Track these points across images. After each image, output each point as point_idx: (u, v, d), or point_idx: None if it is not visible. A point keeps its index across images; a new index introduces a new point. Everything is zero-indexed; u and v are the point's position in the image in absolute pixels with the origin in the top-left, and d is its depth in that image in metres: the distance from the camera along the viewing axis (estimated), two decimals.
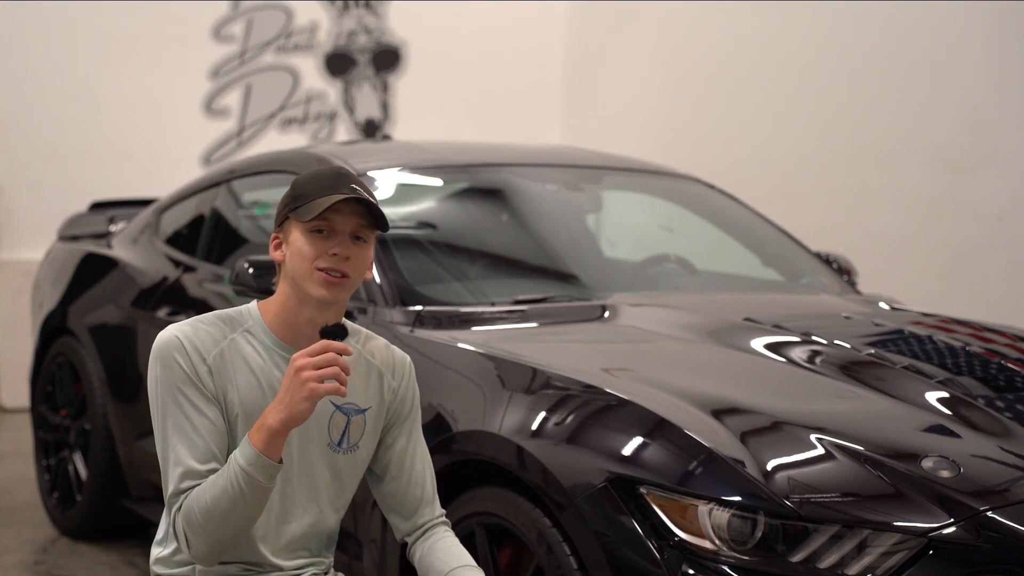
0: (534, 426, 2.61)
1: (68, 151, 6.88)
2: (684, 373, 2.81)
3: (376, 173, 3.77)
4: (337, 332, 2.03)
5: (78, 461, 4.50)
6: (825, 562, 2.24)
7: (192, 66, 7.21)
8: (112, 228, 4.89)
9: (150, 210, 4.68)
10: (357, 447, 2.23)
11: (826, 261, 4.20)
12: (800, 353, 2.95)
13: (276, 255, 2.17)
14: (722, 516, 2.29)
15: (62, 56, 6.82)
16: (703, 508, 2.30)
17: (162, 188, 5.93)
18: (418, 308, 3.21)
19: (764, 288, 4.02)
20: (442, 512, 2.32)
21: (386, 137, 7.66)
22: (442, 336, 3.08)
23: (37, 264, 5.34)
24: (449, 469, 2.79)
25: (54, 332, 4.69)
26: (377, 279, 3.30)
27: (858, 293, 4.03)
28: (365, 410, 2.22)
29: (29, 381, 4.90)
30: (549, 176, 4.08)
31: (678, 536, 2.32)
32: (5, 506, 4.91)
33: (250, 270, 3.20)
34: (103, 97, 6.95)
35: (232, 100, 7.37)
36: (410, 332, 3.13)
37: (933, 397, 2.71)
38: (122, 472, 4.24)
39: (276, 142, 7.29)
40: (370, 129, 7.76)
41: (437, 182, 3.98)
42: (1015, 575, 2.24)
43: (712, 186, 4.44)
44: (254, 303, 2.21)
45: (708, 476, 2.34)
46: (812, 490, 2.30)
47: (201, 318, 2.17)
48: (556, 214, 4.01)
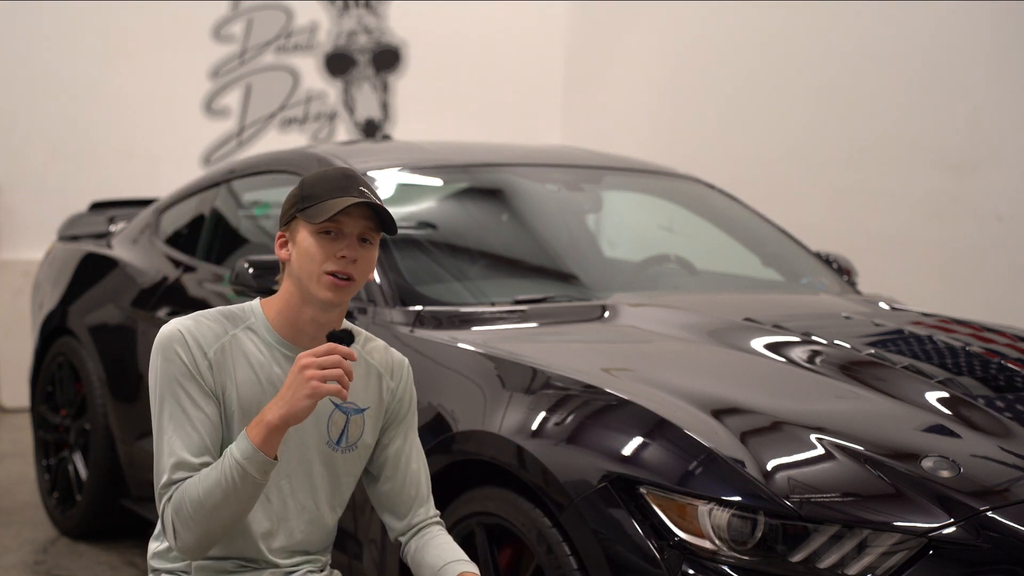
0: (534, 426, 2.61)
1: (68, 151, 6.88)
2: (684, 373, 2.81)
3: (376, 173, 3.77)
4: (344, 337, 2.06)
5: (78, 461, 4.50)
6: (825, 562, 2.24)
7: (192, 66, 7.21)
8: (112, 228, 4.89)
9: (150, 210, 4.68)
10: (355, 446, 2.25)
11: (826, 261, 4.20)
12: (800, 353, 2.95)
13: (282, 254, 2.18)
14: (722, 516, 2.29)
15: (62, 56, 6.82)
16: (703, 508, 2.30)
17: (162, 188, 5.93)
18: (418, 308, 3.21)
19: (764, 288, 4.02)
20: (436, 512, 2.33)
21: (386, 137, 7.66)
22: (442, 336, 3.08)
23: (37, 264, 5.34)
24: (449, 469, 2.79)
25: (54, 332, 4.69)
26: (377, 279, 3.31)
27: (858, 293, 4.03)
28: (364, 410, 2.24)
29: (29, 381, 4.90)
30: (549, 176, 4.08)
31: (678, 536, 2.32)
32: (5, 506, 4.91)
33: (250, 270, 3.20)
34: (103, 97, 6.95)
35: (232, 100, 7.37)
36: (410, 332, 3.13)
37: (933, 397, 2.71)
38: (122, 472, 4.24)
39: (276, 142, 7.29)
40: (370, 129, 7.76)
41: (437, 182, 3.98)
42: (1015, 575, 2.24)
43: (712, 186, 4.44)
44: (257, 300, 2.22)
45: (708, 476, 2.34)
46: (812, 490, 2.30)
47: (204, 313, 2.18)
48: (556, 214, 4.01)
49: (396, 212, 3.70)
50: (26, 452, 5.58)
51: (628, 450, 2.45)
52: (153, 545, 2.27)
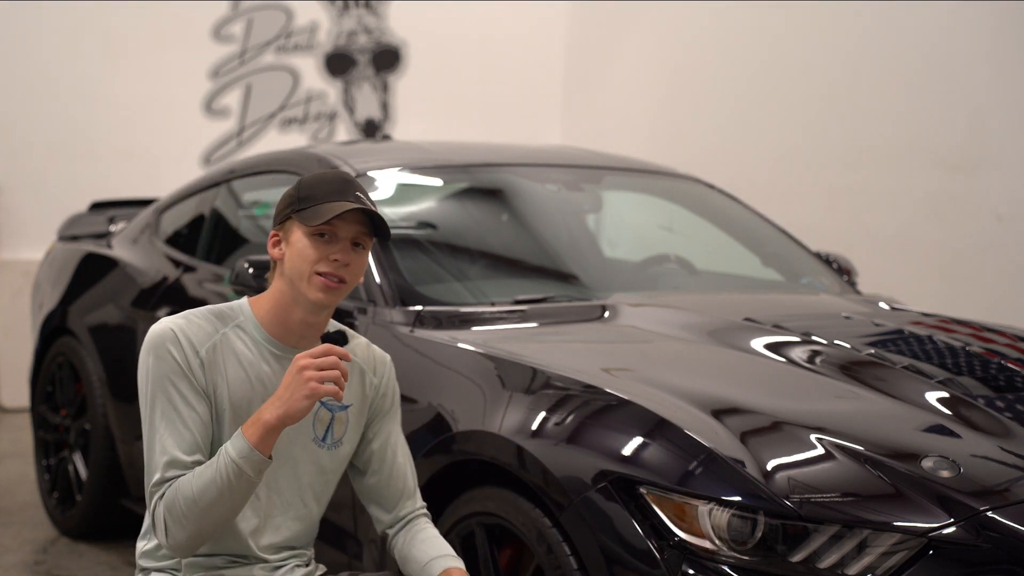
0: (534, 426, 2.61)
1: (68, 151, 6.88)
2: (684, 373, 2.81)
3: (376, 173, 3.77)
4: (339, 339, 2.11)
5: (78, 461, 4.50)
6: (825, 562, 2.24)
7: (192, 66, 7.21)
8: (112, 228, 4.89)
9: (150, 210, 4.68)
10: (341, 443, 2.30)
11: (826, 261, 4.20)
12: (800, 353, 2.95)
13: (274, 253, 2.21)
14: (722, 516, 2.29)
15: (62, 56, 6.82)
16: (703, 508, 2.30)
17: (162, 188, 5.93)
18: (418, 308, 3.21)
19: (764, 288, 4.02)
20: (423, 504, 2.38)
21: (386, 137, 7.66)
22: (442, 336, 3.08)
23: (37, 264, 5.34)
24: (449, 469, 2.79)
25: (54, 332, 4.69)
26: (377, 279, 3.30)
27: (858, 293, 4.03)
28: (348, 407, 2.29)
29: (29, 381, 4.90)
30: (549, 176, 4.08)
31: (678, 536, 2.32)
32: (5, 506, 4.91)
33: (250, 270, 3.21)
34: (103, 97, 6.95)
35: (232, 100, 7.37)
36: (410, 332, 3.13)
37: (933, 397, 2.71)
38: (122, 472, 4.24)
39: (276, 142, 7.29)
40: (370, 129, 7.76)
41: (437, 182, 3.98)
42: (1015, 575, 2.24)
43: (712, 186, 4.44)
44: (245, 299, 2.26)
45: (708, 476, 2.34)
46: (812, 490, 2.30)
47: (193, 312, 2.21)
48: (556, 214, 4.01)
49: (396, 212, 3.71)
50: (26, 452, 5.58)
51: (628, 450, 2.45)
52: (141, 544, 2.29)
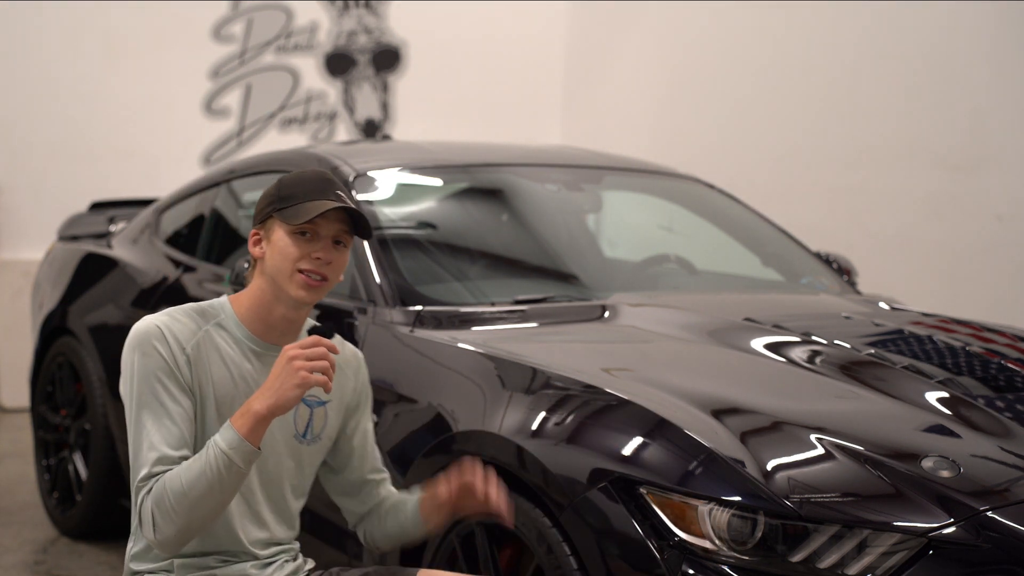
0: (534, 426, 2.61)
1: (68, 151, 6.88)
2: (684, 373, 2.81)
3: (376, 173, 3.76)
4: (326, 333, 2.13)
5: (78, 461, 4.50)
6: (825, 562, 2.24)
7: (192, 66, 7.21)
8: (112, 228, 4.89)
9: (150, 210, 4.68)
10: (319, 438, 2.35)
11: (826, 261, 4.20)
12: (800, 353, 2.95)
13: (256, 251, 2.25)
14: (722, 516, 2.29)
15: (62, 56, 6.82)
16: (703, 508, 2.30)
17: (162, 188, 5.93)
18: (418, 308, 3.21)
19: (764, 288, 4.02)
20: (388, 478, 2.47)
21: (386, 137, 7.66)
22: (442, 336, 3.08)
23: (37, 264, 5.35)
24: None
25: (54, 332, 4.69)
26: (377, 279, 3.30)
27: (858, 293, 4.03)
28: (326, 403, 2.33)
29: (29, 381, 4.90)
30: (549, 176, 4.08)
31: (678, 536, 2.32)
32: (5, 506, 4.91)
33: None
34: (103, 97, 6.95)
35: (232, 100, 7.37)
36: (410, 332, 3.13)
37: (933, 397, 2.71)
38: (122, 472, 4.24)
39: (276, 142, 7.29)
40: (370, 129, 7.76)
41: (437, 182, 3.98)
42: (1015, 575, 2.24)
43: (712, 186, 4.44)
44: (225, 297, 2.29)
45: (708, 476, 2.34)
46: (812, 490, 2.30)
47: (175, 310, 2.23)
48: (556, 214, 4.01)
49: (396, 212, 3.70)
50: (26, 452, 5.58)
51: (628, 450, 2.45)
52: (130, 546, 2.27)
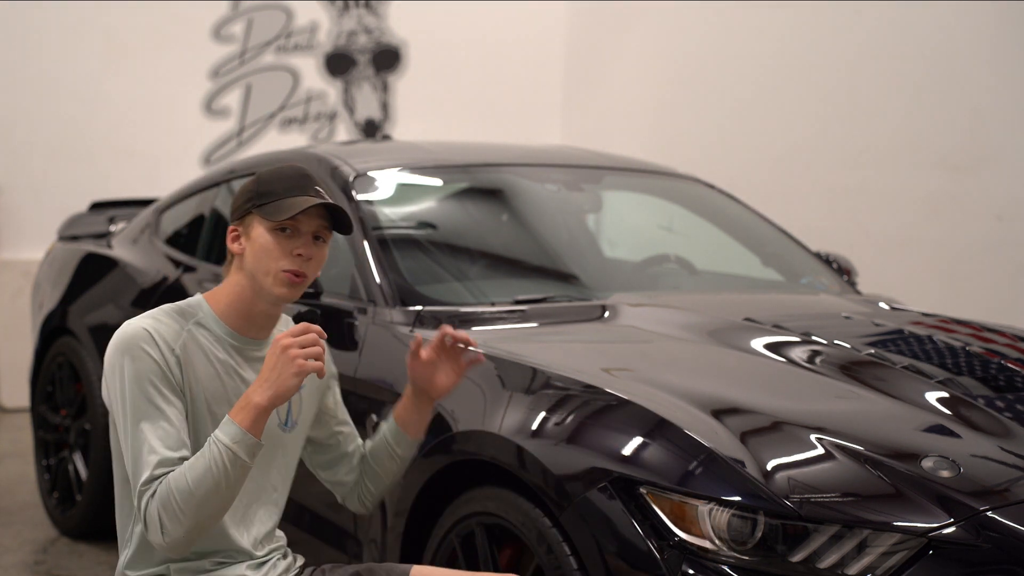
0: (534, 426, 2.61)
1: (68, 151, 6.88)
2: (684, 373, 2.81)
3: (376, 173, 3.76)
4: (313, 318, 2.15)
5: (78, 461, 4.50)
6: (825, 562, 2.24)
7: (192, 66, 7.21)
8: (112, 228, 4.89)
9: (150, 210, 4.68)
10: (297, 423, 2.38)
11: (826, 261, 4.20)
12: (800, 353, 2.95)
13: (234, 247, 2.25)
14: (722, 516, 2.29)
15: (62, 56, 6.82)
16: (703, 508, 2.30)
17: (162, 188, 5.93)
18: (418, 308, 3.21)
19: (764, 288, 4.02)
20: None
21: (386, 137, 7.66)
22: None
23: (37, 264, 5.35)
24: (449, 469, 2.79)
25: (54, 332, 4.69)
26: (377, 279, 3.30)
27: (858, 293, 4.03)
28: (302, 388, 2.34)
29: (29, 381, 4.90)
30: (549, 176, 4.08)
31: (678, 536, 2.32)
32: (5, 506, 4.91)
33: None
34: (103, 97, 6.95)
35: (232, 100, 7.37)
36: (410, 332, 3.13)
37: (933, 397, 2.71)
38: None
39: (276, 142, 7.30)
40: (370, 129, 7.76)
41: (437, 182, 3.98)
42: (1015, 575, 2.24)
43: (712, 186, 4.44)
44: (199, 295, 2.28)
45: (708, 476, 2.34)
46: (812, 490, 2.30)
47: (157, 312, 2.22)
48: (556, 214, 4.01)
49: (396, 212, 3.70)
50: (26, 452, 5.58)
51: (628, 450, 2.45)
52: (123, 556, 2.25)
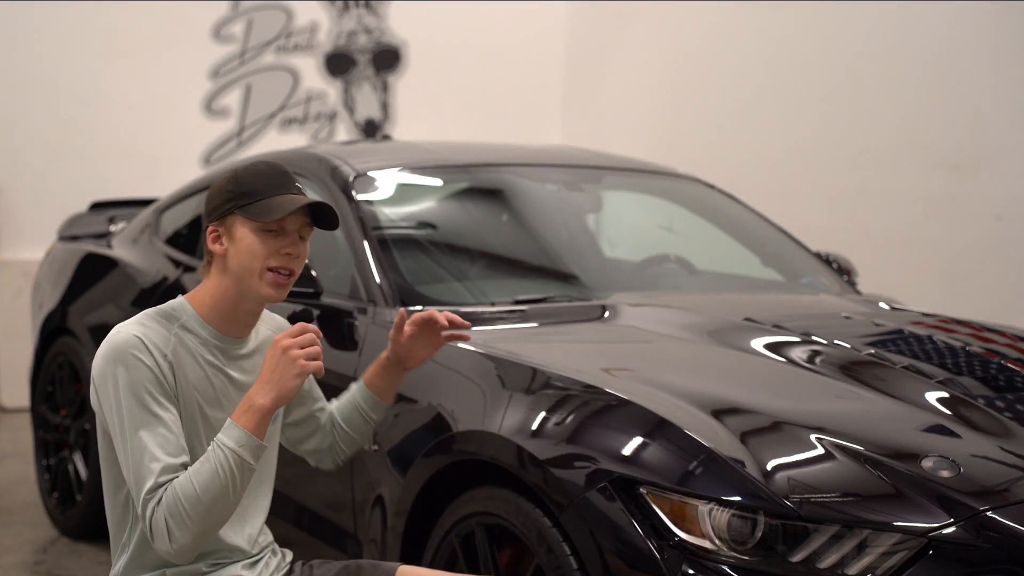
0: (534, 426, 2.61)
1: (68, 151, 6.88)
2: (684, 373, 2.81)
3: (376, 173, 3.76)
4: (306, 318, 2.12)
5: (78, 461, 4.50)
6: (825, 562, 2.24)
7: (192, 66, 7.21)
8: (112, 228, 4.89)
9: (150, 210, 4.68)
10: (279, 415, 2.38)
11: (826, 261, 4.20)
12: (800, 353, 2.95)
13: (216, 248, 2.21)
14: (722, 516, 2.29)
15: (62, 56, 6.82)
16: (703, 508, 2.30)
17: (162, 188, 5.93)
18: (418, 308, 3.21)
19: (764, 288, 4.02)
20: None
21: (386, 137, 7.66)
22: None
23: (37, 264, 5.34)
24: (449, 469, 2.79)
25: (54, 332, 4.69)
26: (377, 279, 3.30)
27: (858, 293, 4.03)
28: None
29: (29, 381, 4.90)
30: (549, 176, 4.08)
31: (678, 536, 2.32)
32: (5, 506, 4.91)
33: None
34: (103, 97, 6.95)
35: (232, 100, 7.37)
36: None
37: (933, 397, 2.71)
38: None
39: (276, 142, 7.30)
40: (370, 129, 7.76)
41: (437, 182, 3.98)
42: (1015, 575, 2.24)
43: (712, 186, 4.44)
44: (181, 297, 2.26)
45: (708, 476, 2.34)
46: (812, 490, 2.30)
47: (144, 317, 2.20)
48: (556, 214, 4.01)
49: (396, 212, 3.70)
50: (26, 452, 5.58)
51: (628, 450, 2.45)
52: (117, 564, 2.24)
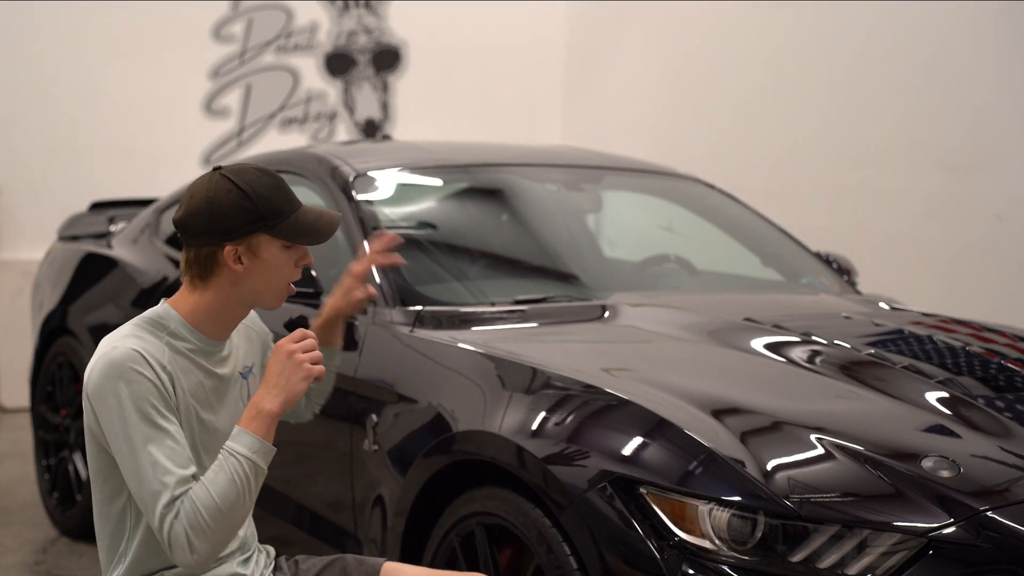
0: (534, 426, 2.61)
1: (68, 151, 6.88)
2: (684, 373, 2.81)
3: (376, 173, 3.77)
4: (302, 324, 2.11)
5: (78, 461, 4.50)
6: (825, 562, 2.24)
7: (192, 66, 7.21)
8: (112, 228, 4.89)
9: (150, 210, 4.68)
10: None
11: (826, 261, 4.20)
12: (800, 353, 2.95)
13: (237, 268, 2.15)
14: (722, 516, 2.29)
15: (62, 56, 6.82)
16: (703, 508, 2.30)
17: (162, 188, 5.93)
18: (418, 308, 3.21)
19: (764, 288, 4.02)
20: None
21: (386, 137, 7.66)
22: (442, 336, 3.08)
23: (37, 264, 5.34)
24: (449, 469, 2.79)
25: (54, 332, 4.69)
26: (377, 279, 3.30)
27: (858, 293, 4.03)
28: (252, 367, 2.36)
29: (29, 381, 4.90)
30: (549, 176, 4.08)
31: (678, 536, 2.32)
32: (5, 506, 4.91)
33: None
34: (103, 97, 6.94)
35: (232, 100, 7.37)
36: (410, 332, 3.13)
37: (933, 397, 2.71)
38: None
39: (276, 142, 7.29)
40: (370, 129, 7.76)
41: (437, 182, 3.98)
42: (1015, 575, 2.24)
43: (712, 186, 4.44)
44: (165, 305, 2.21)
45: (708, 476, 2.34)
46: (812, 490, 2.30)
47: (135, 328, 2.16)
48: (556, 214, 4.01)
49: (396, 212, 3.71)
50: (26, 452, 5.58)
51: (628, 450, 2.45)
52: (113, 573, 2.22)
